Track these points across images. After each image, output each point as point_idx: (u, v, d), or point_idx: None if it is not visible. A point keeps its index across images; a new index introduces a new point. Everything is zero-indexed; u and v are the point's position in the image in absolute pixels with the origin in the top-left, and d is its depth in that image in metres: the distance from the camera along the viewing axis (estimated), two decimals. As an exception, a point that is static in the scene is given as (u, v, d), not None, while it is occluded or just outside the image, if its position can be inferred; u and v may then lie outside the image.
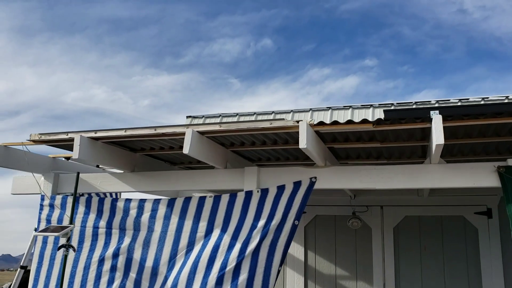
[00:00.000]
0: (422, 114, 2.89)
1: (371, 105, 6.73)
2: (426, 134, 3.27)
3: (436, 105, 6.47)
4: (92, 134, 3.42)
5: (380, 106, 6.83)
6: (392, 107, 6.69)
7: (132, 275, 3.53)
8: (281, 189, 3.47)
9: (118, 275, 3.56)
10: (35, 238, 4.04)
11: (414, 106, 6.58)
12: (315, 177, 3.45)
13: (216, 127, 3.21)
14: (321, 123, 3.05)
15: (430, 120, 2.86)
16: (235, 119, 6.85)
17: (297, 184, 3.46)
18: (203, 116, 7.12)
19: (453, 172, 3.19)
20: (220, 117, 6.97)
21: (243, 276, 3.28)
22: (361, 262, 5.43)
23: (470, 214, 5.13)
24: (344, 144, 3.56)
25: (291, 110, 6.84)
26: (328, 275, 5.51)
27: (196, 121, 7.08)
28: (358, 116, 6.63)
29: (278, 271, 3.35)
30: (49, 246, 3.85)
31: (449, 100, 6.76)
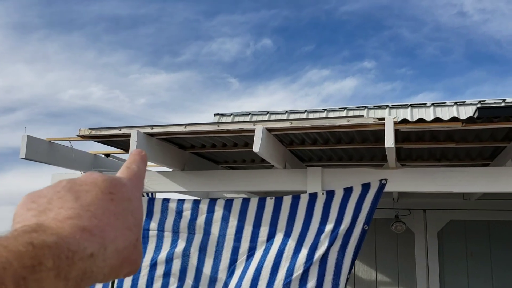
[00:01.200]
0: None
1: (387, 106, 6.54)
2: (509, 135, 3.06)
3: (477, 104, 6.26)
4: (148, 130, 3.18)
5: (374, 107, 6.64)
6: (387, 109, 6.49)
7: (189, 281, 3.29)
8: (348, 191, 3.24)
9: (173, 281, 3.33)
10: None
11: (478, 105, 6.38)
12: (386, 179, 3.23)
13: (287, 124, 2.98)
14: (405, 121, 2.82)
15: (526, 119, 2.65)
16: (265, 117, 6.62)
17: (365, 186, 3.24)
18: (231, 114, 6.89)
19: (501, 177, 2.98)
20: (250, 115, 6.74)
21: (311, 284, 3.06)
22: (403, 268, 5.22)
23: (521, 220, 4.93)
24: (415, 144, 3.34)
25: (286, 111, 6.65)
26: (368, 281, 5.29)
27: (224, 119, 6.85)
28: (401, 114, 6.42)
29: (347, 279, 3.13)
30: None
31: (464, 101, 6.54)
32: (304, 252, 3.12)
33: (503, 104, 6.05)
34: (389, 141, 2.71)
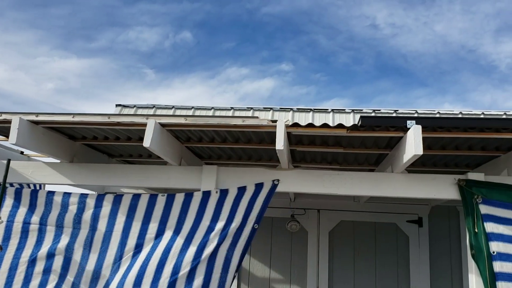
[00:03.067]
0: (398, 123, 2.87)
1: (291, 109, 6.78)
2: (391, 143, 3.28)
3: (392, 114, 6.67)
4: (33, 117, 2.97)
5: (298, 110, 6.89)
6: (311, 112, 6.79)
7: (70, 278, 3.13)
8: (241, 190, 3.28)
9: (53, 278, 3.14)
10: None
11: (372, 114, 6.72)
12: (278, 180, 3.32)
13: (181, 120, 2.94)
14: (296, 125, 2.91)
15: (404, 129, 2.86)
16: (170, 111, 6.50)
17: (258, 186, 3.30)
18: (134, 106, 6.67)
19: (416, 182, 3.23)
20: (154, 108, 6.58)
21: (197, 282, 3.05)
22: (295, 265, 5.41)
23: (402, 222, 5.32)
24: (307, 147, 3.47)
25: (212, 107, 6.67)
26: (262, 278, 5.41)
27: (127, 110, 6.62)
28: (298, 118, 6.62)
29: (234, 277, 3.17)
30: (-36, 243, 3.30)
31: (362, 109, 6.98)
32: (192, 250, 3.10)
33: (387, 115, 6.50)
34: (280, 143, 2.78)
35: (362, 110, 6.89)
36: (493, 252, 2.97)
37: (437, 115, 6.52)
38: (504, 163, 3.28)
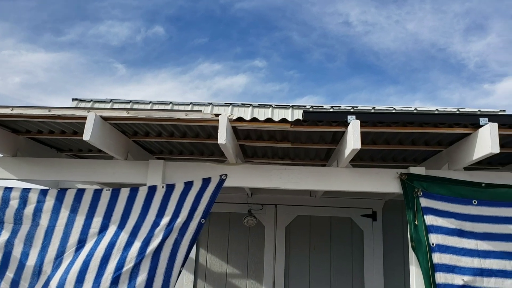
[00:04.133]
0: (339, 117, 2.91)
1: (270, 105, 6.78)
2: (336, 138, 3.32)
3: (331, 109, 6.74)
4: (-31, 110, 2.88)
5: (277, 106, 6.91)
6: (270, 108, 6.81)
7: (9, 274, 3.05)
8: (188, 185, 3.27)
9: (-9, 276, 3.05)
10: None
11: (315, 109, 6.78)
12: (226, 175, 3.32)
13: (123, 113, 2.90)
14: (240, 119, 2.92)
15: (346, 124, 2.90)
16: (128, 105, 6.41)
17: (206, 181, 3.29)
18: (91, 100, 6.55)
19: (360, 176, 3.28)
20: (111, 103, 6.47)
21: (141, 277, 3.03)
22: (252, 260, 5.43)
23: (357, 216, 5.41)
24: (256, 142, 3.47)
25: (191, 103, 6.60)
26: (219, 274, 5.41)
27: (83, 104, 6.49)
28: (257, 114, 6.63)
29: (180, 272, 3.15)
30: None
31: (340, 106, 7.09)
32: (136, 245, 3.07)
33: (331, 110, 6.57)
34: (222, 137, 2.78)
35: (323, 106, 6.95)
36: (433, 244, 3.05)
37: (375, 110, 6.64)
38: (445, 158, 3.37)
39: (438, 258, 3.02)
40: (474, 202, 3.10)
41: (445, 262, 3.01)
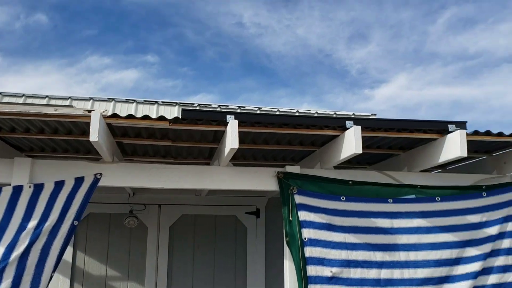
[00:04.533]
0: (218, 117, 2.94)
1: (156, 102, 6.64)
2: (217, 136, 3.35)
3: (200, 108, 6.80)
4: None
5: (163, 103, 6.80)
6: (156, 105, 6.73)
7: None
8: (59, 185, 3.07)
9: None
10: None
11: (200, 109, 6.77)
12: (101, 174, 3.17)
13: (-17, 107, 2.63)
14: (115, 115, 2.80)
15: (225, 123, 2.94)
16: (21, 100, 5.84)
17: (79, 180, 3.12)
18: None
19: (239, 175, 3.35)
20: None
21: (4, 285, 2.77)
22: (134, 262, 5.27)
23: (241, 214, 5.52)
24: (134, 139, 3.37)
25: (69, 97, 6.21)
26: (98, 277, 5.17)
27: None
28: (142, 111, 6.45)
29: (51, 277, 2.95)
30: None
31: (228, 105, 7.20)
32: (-2, 252, 2.81)
33: (210, 109, 6.69)
34: (94, 134, 2.65)
35: (211, 105, 6.99)
36: (305, 239, 3.21)
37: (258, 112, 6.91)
38: (318, 157, 3.57)
39: (309, 251, 3.19)
40: (343, 198, 3.33)
41: (315, 255, 3.19)
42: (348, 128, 2.97)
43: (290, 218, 3.26)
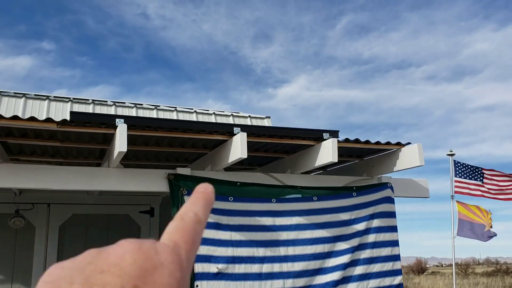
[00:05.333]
0: (108, 120, 2.99)
1: (47, 97, 6.37)
2: (107, 138, 3.39)
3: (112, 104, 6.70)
4: None
5: (55, 99, 6.53)
6: (80, 111, 6.43)
7: None
8: None
9: None
10: None
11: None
12: (-19, 174, 3.06)
13: None
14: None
15: (115, 127, 3.00)
16: None
17: (-44, 182, 2.98)
18: None
19: (130, 177, 3.42)
20: None
21: None
22: (20, 263, 5.05)
23: (135, 213, 5.54)
24: (20, 139, 3.29)
25: None
26: (-22, 281, 4.88)
27: None
28: (31, 107, 6.16)
29: None
30: None
31: (124, 102, 7.11)
32: None
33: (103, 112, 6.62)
34: (-26, 136, 2.58)
35: (124, 103, 6.85)
36: (193, 238, 3.38)
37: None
38: (209, 159, 3.76)
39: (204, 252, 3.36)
40: (231, 198, 3.55)
41: (203, 253, 3.37)
42: (235, 134, 3.19)
43: (179, 218, 3.40)
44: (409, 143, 3.68)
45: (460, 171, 11.19)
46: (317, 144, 3.50)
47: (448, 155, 11.27)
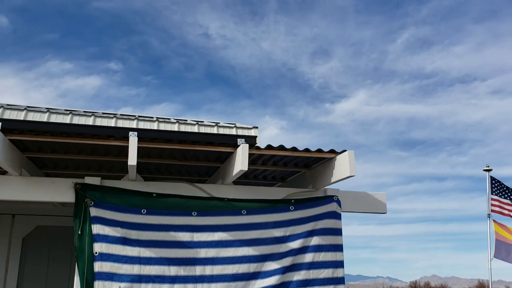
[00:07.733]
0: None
1: (114, 115, 6.35)
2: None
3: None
4: None
5: (122, 117, 6.48)
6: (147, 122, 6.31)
7: None
8: None
9: None
10: None
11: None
12: None
13: None
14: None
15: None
16: None
17: None
18: None
19: (34, 186, 3.21)
20: None
21: None
22: (-20, 275, 4.98)
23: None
24: None
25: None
26: None
27: None
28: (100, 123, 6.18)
29: None
30: None
31: (169, 118, 6.96)
32: None
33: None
34: None
35: (152, 118, 6.73)
36: (96, 253, 3.11)
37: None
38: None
39: (99, 266, 3.09)
40: (143, 211, 3.25)
41: (105, 270, 3.08)
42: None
43: (80, 232, 3.15)
44: (344, 151, 3.23)
45: (496, 188, 10.30)
46: (235, 151, 3.14)
47: (484, 170, 10.37)
